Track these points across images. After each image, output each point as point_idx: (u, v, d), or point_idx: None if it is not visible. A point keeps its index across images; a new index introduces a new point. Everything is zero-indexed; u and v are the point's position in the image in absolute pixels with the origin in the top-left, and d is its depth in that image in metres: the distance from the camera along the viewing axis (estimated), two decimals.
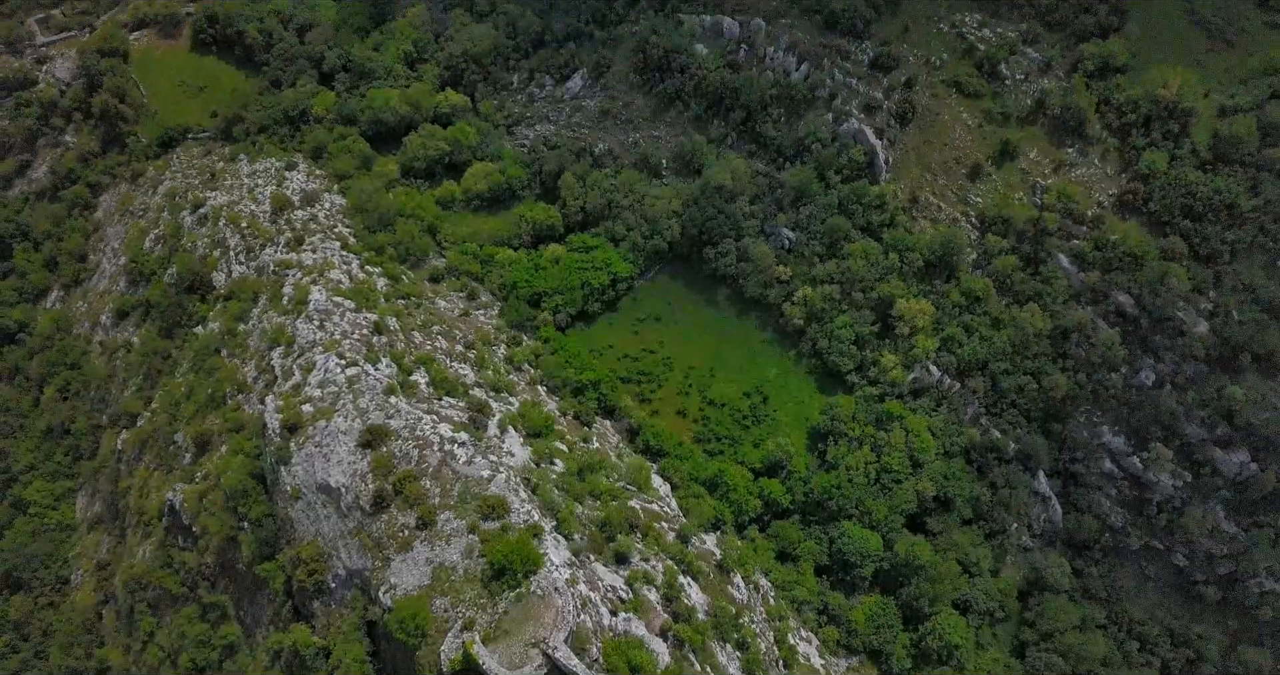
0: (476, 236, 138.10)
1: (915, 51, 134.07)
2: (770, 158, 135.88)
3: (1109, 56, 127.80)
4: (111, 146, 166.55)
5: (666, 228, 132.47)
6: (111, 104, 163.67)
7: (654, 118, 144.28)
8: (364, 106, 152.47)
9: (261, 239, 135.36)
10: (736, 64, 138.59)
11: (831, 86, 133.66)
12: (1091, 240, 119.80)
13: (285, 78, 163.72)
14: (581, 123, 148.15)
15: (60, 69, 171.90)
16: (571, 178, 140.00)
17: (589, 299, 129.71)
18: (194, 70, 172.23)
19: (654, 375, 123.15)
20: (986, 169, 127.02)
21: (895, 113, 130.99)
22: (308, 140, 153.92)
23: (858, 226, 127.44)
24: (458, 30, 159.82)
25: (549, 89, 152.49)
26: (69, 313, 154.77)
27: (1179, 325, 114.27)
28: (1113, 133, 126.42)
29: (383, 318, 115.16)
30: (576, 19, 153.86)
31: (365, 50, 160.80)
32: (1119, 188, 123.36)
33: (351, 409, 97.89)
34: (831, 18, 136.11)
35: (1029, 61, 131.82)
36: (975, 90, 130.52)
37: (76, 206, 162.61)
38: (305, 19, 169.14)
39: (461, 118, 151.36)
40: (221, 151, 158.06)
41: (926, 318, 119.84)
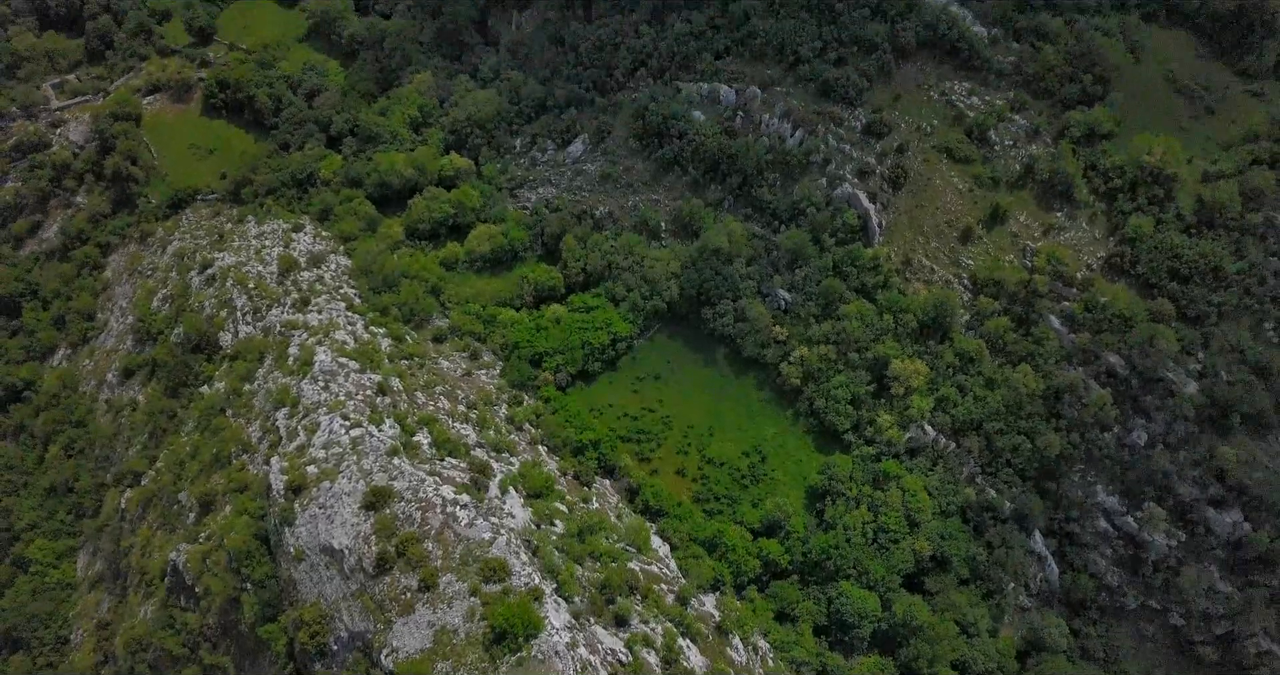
0: (479, 297, 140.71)
1: (907, 118, 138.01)
2: (766, 221, 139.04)
3: (1094, 124, 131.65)
4: (122, 207, 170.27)
5: (665, 288, 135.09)
6: (123, 166, 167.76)
7: (653, 182, 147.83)
8: (370, 170, 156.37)
9: (268, 300, 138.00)
10: (733, 130, 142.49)
11: (825, 152, 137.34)
12: (1081, 302, 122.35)
13: (293, 141, 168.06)
14: (583, 186, 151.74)
15: (74, 132, 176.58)
16: (573, 240, 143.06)
17: (589, 358, 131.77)
18: (204, 133, 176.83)
19: (653, 434, 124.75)
20: (977, 232, 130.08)
21: (888, 177, 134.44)
22: (315, 202, 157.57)
23: (852, 288, 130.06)
24: (462, 96, 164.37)
25: (551, 153, 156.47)
26: (75, 371, 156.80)
27: (1169, 386, 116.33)
28: (1100, 197, 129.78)
29: (386, 378, 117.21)
30: (578, 86, 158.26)
31: (372, 115, 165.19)
32: (1107, 251, 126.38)
33: (355, 470, 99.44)
34: (825, 86, 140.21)
35: (1017, 128, 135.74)
36: (965, 156, 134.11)
37: (86, 266, 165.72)
38: (314, 84, 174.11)
39: (465, 181, 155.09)
40: (230, 213, 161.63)
41: (921, 378, 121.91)
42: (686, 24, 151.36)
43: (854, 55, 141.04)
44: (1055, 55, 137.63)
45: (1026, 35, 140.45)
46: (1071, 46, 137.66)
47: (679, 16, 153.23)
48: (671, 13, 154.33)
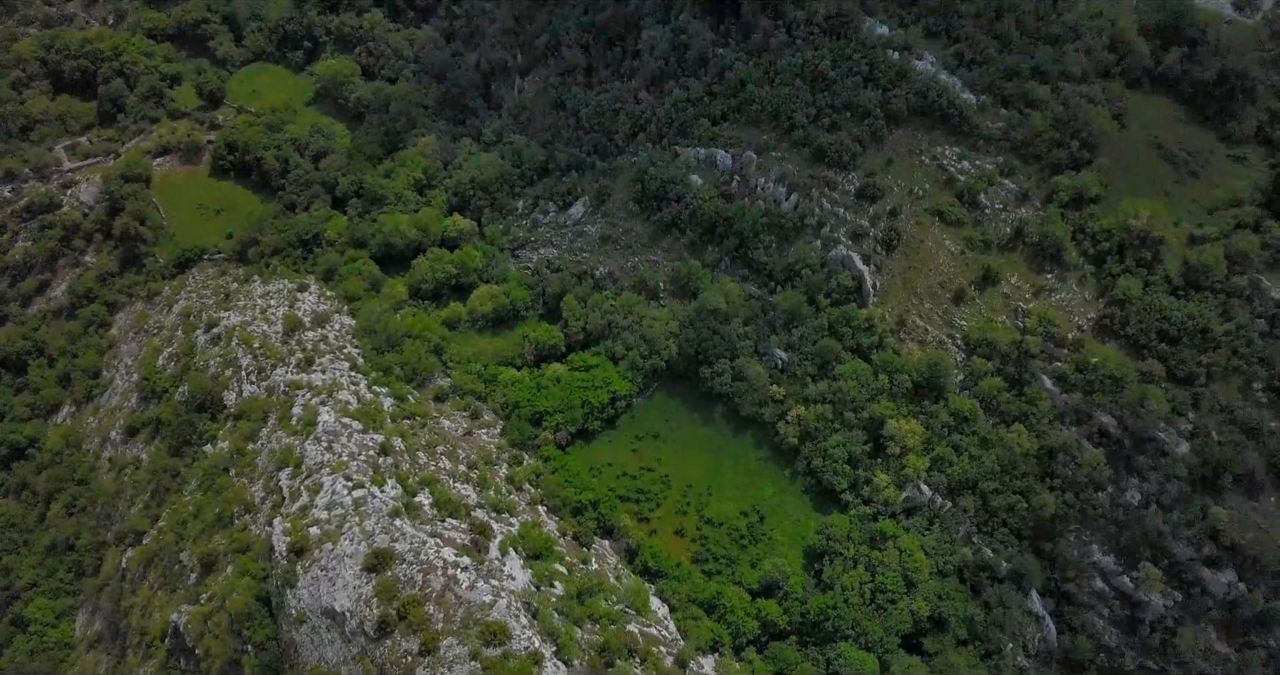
0: (481, 356, 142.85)
1: (899, 182, 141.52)
2: (762, 281, 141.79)
3: (1082, 188, 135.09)
4: (130, 266, 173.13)
5: (664, 347, 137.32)
6: (132, 226, 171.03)
7: (652, 243, 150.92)
8: (375, 231, 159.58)
9: (273, 359, 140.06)
10: (729, 194, 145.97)
11: (820, 215, 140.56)
12: (1073, 363, 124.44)
13: (300, 202, 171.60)
14: (583, 247, 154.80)
15: (85, 193, 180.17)
16: (573, 299, 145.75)
17: (589, 417, 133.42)
18: (212, 194, 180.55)
19: (652, 494, 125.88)
20: (970, 294, 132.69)
21: (881, 240, 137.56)
22: (320, 262, 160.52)
23: (848, 348, 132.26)
24: (465, 159, 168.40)
25: (552, 215, 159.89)
26: (79, 428, 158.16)
27: (1161, 446, 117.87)
28: (1089, 260, 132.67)
29: (389, 438, 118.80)
30: (579, 150, 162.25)
31: (377, 177, 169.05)
32: (1097, 312, 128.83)
33: (357, 532, 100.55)
34: (819, 151, 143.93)
35: (1007, 192, 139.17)
36: (957, 219, 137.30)
37: (92, 324, 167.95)
38: (321, 146, 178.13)
39: (468, 242, 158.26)
40: (236, 272, 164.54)
41: (917, 437, 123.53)
42: (684, 91, 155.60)
43: (847, 121, 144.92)
44: (1043, 121, 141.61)
45: (1014, 102, 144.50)
46: (1058, 113, 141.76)
47: (677, 84, 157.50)
48: (670, 80, 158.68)
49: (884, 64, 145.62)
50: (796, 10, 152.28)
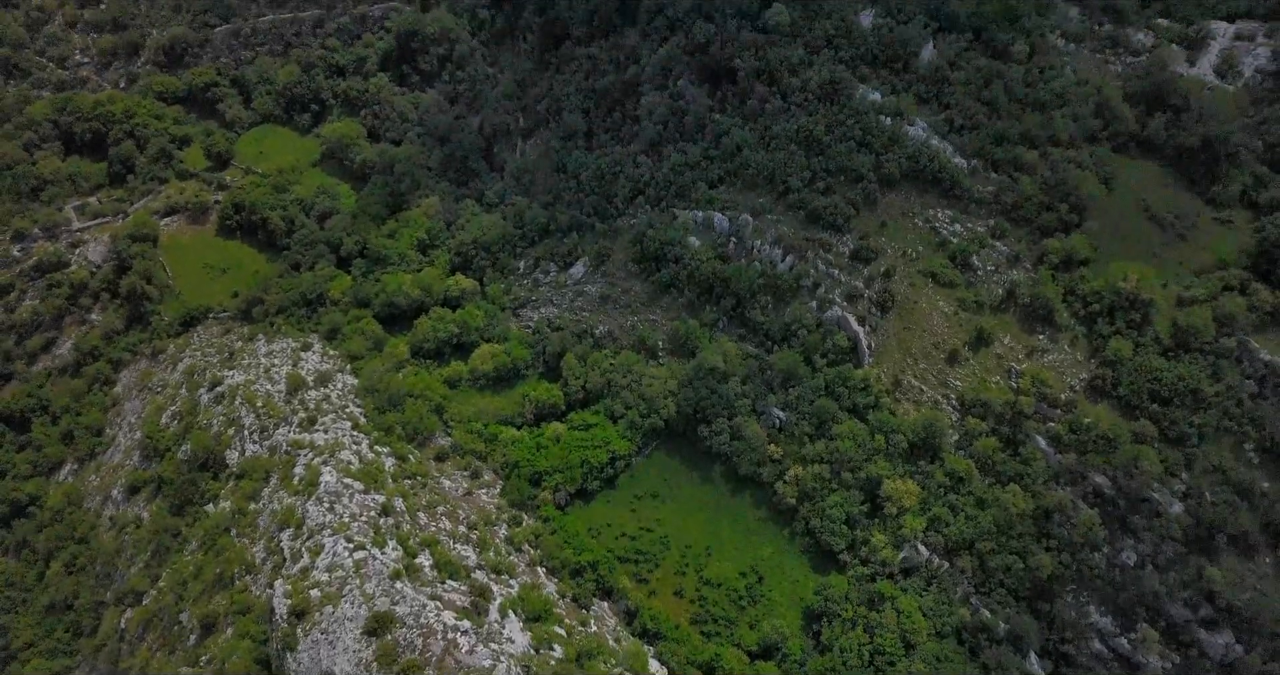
0: (481, 415, 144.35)
1: (892, 244, 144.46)
2: (759, 341, 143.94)
3: (1072, 251, 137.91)
4: (135, 324, 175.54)
5: (663, 406, 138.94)
6: (139, 285, 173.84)
7: (651, 303, 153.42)
8: (378, 290, 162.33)
9: (275, 418, 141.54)
10: (726, 255, 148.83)
11: (815, 276, 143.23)
12: (1066, 423, 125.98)
13: (305, 261, 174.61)
14: (583, 306, 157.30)
15: (93, 252, 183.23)
16: (573, 358, 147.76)
17: (588, 477, 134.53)
18: (218, 253, 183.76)
19: (651, 554, 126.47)
20: (964, 354, 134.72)
21: (876, 301, 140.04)
22: (324, 322, 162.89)
23: (844, 408, 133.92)
24: (468, 220, 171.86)
25: (553, 275, 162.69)
26: (81, 486, 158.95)
27: (1155, 506, 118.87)
28: (1080, 321, 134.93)
29: (390, 499, 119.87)
30: (579, 212, 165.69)
31: (381, 237, 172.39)
32: (1089, 373, 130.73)
33: (358, 594, 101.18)
34: (814, 214, 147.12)
35: (998, 254, 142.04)
36: (950, 280, 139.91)
37: (97, 382, 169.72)
38: (326, 207, 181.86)
39: (470, 301, 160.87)
40: (241, 331, 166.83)
41: (913, 498, 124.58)
42: (682, 155, 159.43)
43: (841, 185, 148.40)
44: (1032, 185, 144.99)
45: (1004, 167, 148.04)
46: (1047, 177, 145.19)
47: (675, 148, 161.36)
48: (668, 144, 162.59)
49: (876, 129, 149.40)
50: (791, 78, 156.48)
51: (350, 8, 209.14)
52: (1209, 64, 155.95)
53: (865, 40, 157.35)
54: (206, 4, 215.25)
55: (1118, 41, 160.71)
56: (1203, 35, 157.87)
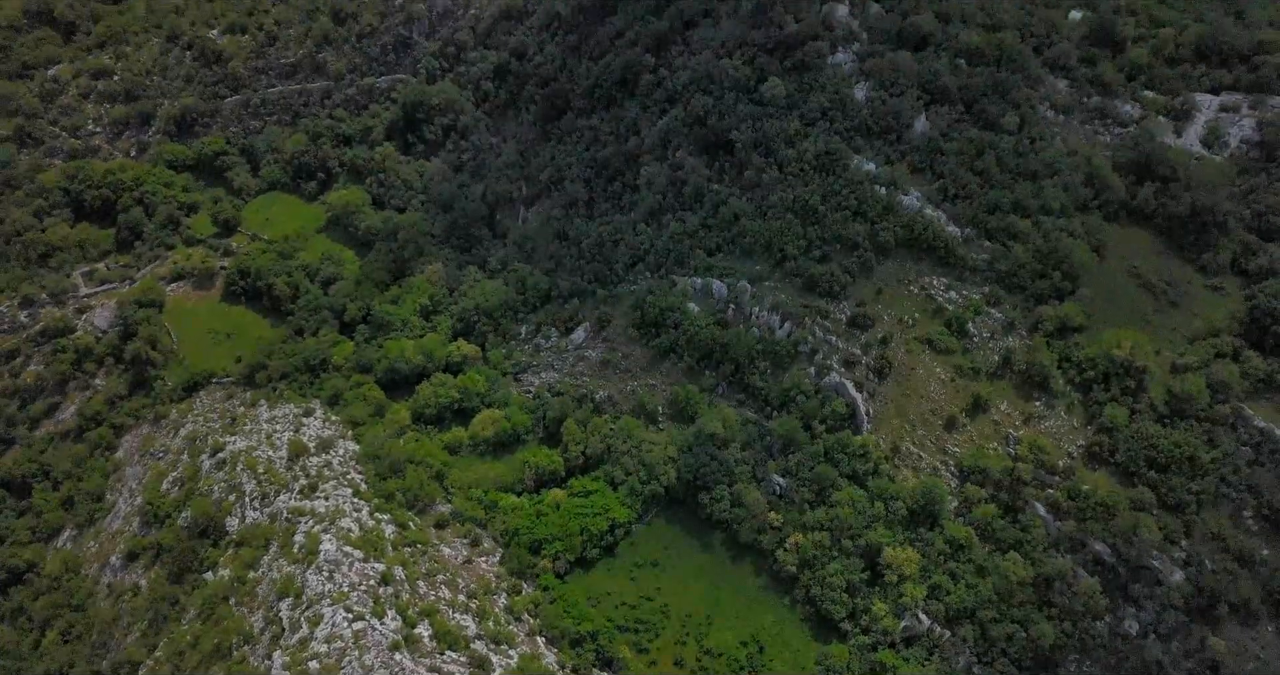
0: (482, 482, 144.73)
1: (889, 311, 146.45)
2: (759, 407, 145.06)
3: (1066, 318, 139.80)
4: (139, 390, 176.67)
5: (663, 473, 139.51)
6: (143, 350, 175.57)
7: (651, 368, 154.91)
8: (380, 356, 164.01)
9: (277, 485, 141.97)
10: (725, 321, 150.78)
11: (813, 342, 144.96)
12: (1065, 490, 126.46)
13: (308, 327, 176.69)
14: (584, 372, 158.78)
15: (99, 318, 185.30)
16: (574, 424, 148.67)
17: (588, 545, 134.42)
18: (223, 319, 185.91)
19: (651, 624, 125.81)
20: (961, 421, 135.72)
21: (873, 367, 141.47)
22: (326, 387, 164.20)
23: (844, 475, 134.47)
24: (471, 286, 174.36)
25: (554, 340, 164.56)
26: (80, 553, 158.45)
27: (1155, 575, 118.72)
28: (1075, 388, 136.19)
29: (390, 567, 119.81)
30: (581, 278, 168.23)
31: (384, 303, 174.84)
32: (1086, 439, 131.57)
33: (357, 666, 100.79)
34: (811, 281, 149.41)
35: (993, 321, 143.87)
36: (946, 347, 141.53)
37: (99, 447, 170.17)
38: (330, 273, 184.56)
39: (471, 366, 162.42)
40: (243, 397, 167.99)
41: (914, 565, 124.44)
42: (681, 224, 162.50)
43: (837, 253, 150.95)
44: (1025, 253, 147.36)
45: (997, 235, 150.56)
46: (1040, 245, 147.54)
47: (674, 216, 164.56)
48: (667, 213, 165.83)
49: (871, 199, 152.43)
50: (787, 149, 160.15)
51: (358, 79, 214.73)
52: (1195, 135, 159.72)
53: (859, 112, 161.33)
54: (218, 76, 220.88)
55: (1106, 113, 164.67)
56: (1188, 107, 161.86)
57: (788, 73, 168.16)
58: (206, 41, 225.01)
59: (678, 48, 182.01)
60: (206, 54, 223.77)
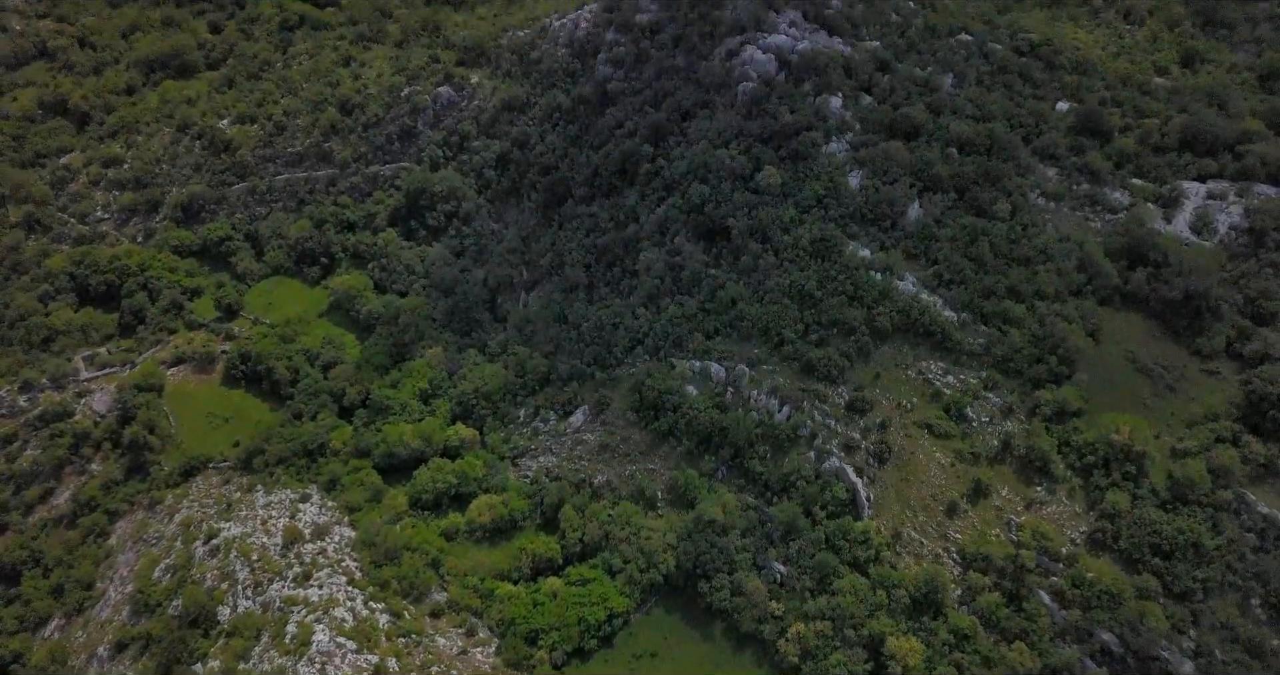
0: (478, 569, 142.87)
1: (887, 396, 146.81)
2: (759, 492, 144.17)
3: (1064, 402, 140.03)
4: (135, 474, 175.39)
5: (662, 560, 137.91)
6: (141, 435, 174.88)
7: (650, 451, 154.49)
8: (379, 440, 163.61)
9: (270, 573, 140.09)
10: (724, 405, 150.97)
11: (813, 427, 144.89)
12: (1069, 578, 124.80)
13: (307, 411, 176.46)
14: (582, 455, 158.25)
15: (98, 402, 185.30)
16: (571, 510, 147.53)
17: (585, 635, 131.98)
18: (222, 402, 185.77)
19: None
20: (963, 506, 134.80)
21: (873, 452, 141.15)
22: (323, 472, 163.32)
23: (845, 562, 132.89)
24: (470, 369, 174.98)
25: (553, 423, 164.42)
26: (67, 643, 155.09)
27: (1165, 665, 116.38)
28: (1076, 473, 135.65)
29: (384, 660, 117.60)
30: (580, 361, 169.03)
31: (384, 387, 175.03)
32: (1089, 525, 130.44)
33: None
34: (809, 365, 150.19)
35: (992, 406, 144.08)
36: (945, 431, 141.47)
37: (92, 534, 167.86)
38: (331, 357, 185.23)
39: (470, 450, 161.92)
40: (240, 481, 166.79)
41: (918, 656, 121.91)
42: (679, 307, 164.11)
43: (834, 337, 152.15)
44: (1021, 338, 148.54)
45: (993, 319, 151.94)
46: (1035, 330, 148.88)
47: (672, 300, 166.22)
48: (666, 298, 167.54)
49: (867, 284, 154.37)
50: (783, 235, 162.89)
51: (363, 167, 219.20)
52: (1184, 221, 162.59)
53: (853, 200, 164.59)
54: (226, 164, 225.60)
55: (1096, 200, 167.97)
56: (1176, 194, 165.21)
57: (783, 162, 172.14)
58: (216, 131, 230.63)
59: (675, 138, 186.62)
60: (216, 143, 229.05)
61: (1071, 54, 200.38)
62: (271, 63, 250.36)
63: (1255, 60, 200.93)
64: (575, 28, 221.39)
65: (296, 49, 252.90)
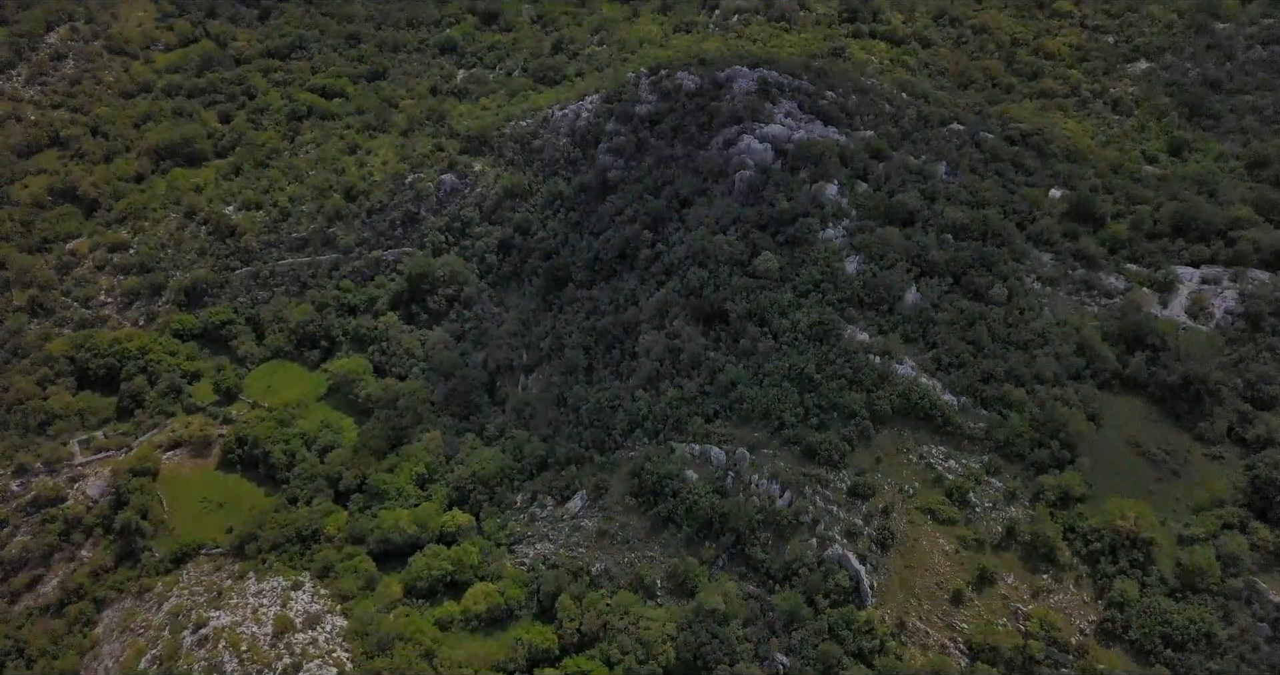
0: (473, 660, 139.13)
1: (889, 481, 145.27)
2: (760, 580, 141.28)
3: (1067, 487, 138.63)
4: (125, 561, 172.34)
5: (661, 652, 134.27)
6: (134, 520, 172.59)
7: (649, 538, 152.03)
8: (374, 526, 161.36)
9: (259, 663, 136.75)
10: (724, 490, 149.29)
11: (814, 512, 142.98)
12: (1079, 669, 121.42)
13: (302, 496, 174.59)
14: (580, 542, 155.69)
15: (91, 487, 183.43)
16: (569, 599, 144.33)
17: None
18: (218, 487, 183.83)
19: None
20: (968, 594, 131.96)
21: (876, 539, 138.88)
22: (317, 559, 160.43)
23: (849, 652, 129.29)
24: (468, 454, 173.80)
25: (550, 509, 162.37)
26: None
27: None
28: (1083, 560, 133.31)
29: None
30: (578, 444, 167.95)
31: (381, 471, 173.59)
32: (1098, 614, 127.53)
33: None
34: (809, 449, 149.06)
35: (995, 491, 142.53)
36: (949, 517, 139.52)
37: (78, 623, 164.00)
38: (328, 441, 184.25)
39: (466, 536, 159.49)
40: (231, 568, 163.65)
41: None
42: (679, 390, 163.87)
43: (834, 421, 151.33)
44: (1022, 422, 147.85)
45: (993, 403, 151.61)
46: (1036, 414, 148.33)
47: (672, 383, 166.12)
48: (665, 380, 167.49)
49: (866, 368, 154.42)
50: (781, 319, 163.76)
51: (366, 252, 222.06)
52: (1180, 306, 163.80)
53: (851, 284, 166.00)
54: (230, 249, 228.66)
55: (1091, 285, 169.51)
56: (1171, 279, 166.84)
57: (780, 247, 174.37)
58: (222, 217, 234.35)
59: (674, 224, 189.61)
60: (221, 228, 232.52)
61: (1062, 142, 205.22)
62: (279, 151, 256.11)
63: (1242, 149, 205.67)
64: (576, 118, 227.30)
65: (304, 138, 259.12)
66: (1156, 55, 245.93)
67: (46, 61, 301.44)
